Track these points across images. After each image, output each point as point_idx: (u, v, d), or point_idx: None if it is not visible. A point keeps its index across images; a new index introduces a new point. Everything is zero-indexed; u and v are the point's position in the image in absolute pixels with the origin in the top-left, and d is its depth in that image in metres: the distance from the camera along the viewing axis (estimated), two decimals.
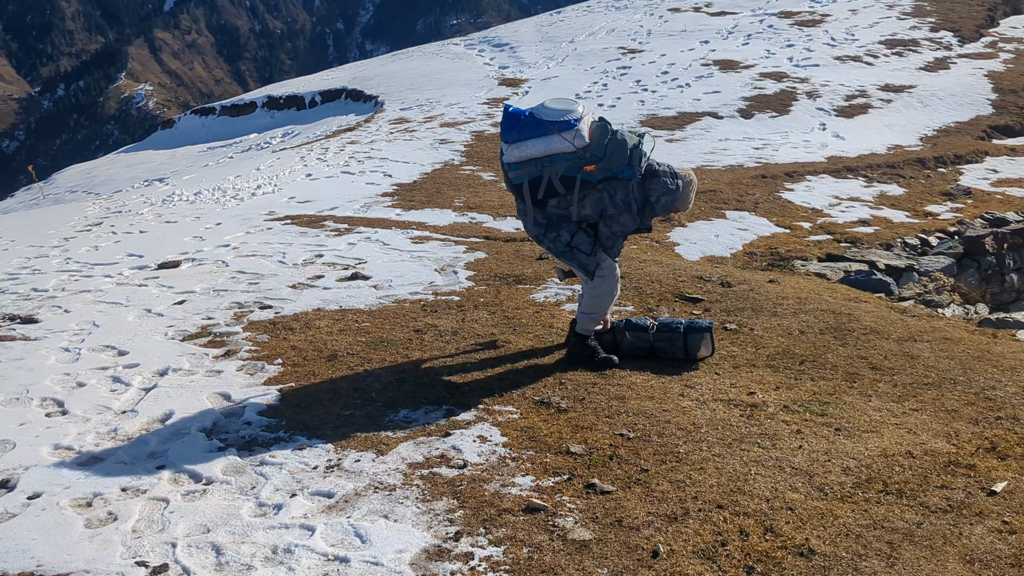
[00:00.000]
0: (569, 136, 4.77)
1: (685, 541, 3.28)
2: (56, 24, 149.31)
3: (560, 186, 4.90)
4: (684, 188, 5.07)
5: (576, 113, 4.83)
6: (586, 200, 4.95)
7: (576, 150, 4.80)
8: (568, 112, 4.82)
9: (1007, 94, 17.31)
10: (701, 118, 15.92)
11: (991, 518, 3.45)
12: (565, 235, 5.00)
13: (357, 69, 30.76)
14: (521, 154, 4.85)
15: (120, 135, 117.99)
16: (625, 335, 5.26)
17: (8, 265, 8.21)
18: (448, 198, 10.84)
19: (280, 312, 6.18)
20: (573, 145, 4.78)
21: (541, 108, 4.89)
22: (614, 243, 5.09)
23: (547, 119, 4.80)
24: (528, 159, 4.85)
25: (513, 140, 4.85)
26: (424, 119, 17.96)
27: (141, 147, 28.99)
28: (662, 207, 5.08)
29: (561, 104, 4.89)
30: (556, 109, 4.85)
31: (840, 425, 4.31)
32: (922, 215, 10.61)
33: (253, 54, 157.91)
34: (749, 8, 25.69)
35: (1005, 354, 5.46)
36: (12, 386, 4.86)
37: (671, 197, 5.04)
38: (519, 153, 4.85)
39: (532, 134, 4.80)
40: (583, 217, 5.00)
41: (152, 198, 13.34)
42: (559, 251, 5.05)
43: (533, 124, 4.82)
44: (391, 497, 3.61)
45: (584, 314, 5.19)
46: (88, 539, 3.32)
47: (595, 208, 4.97)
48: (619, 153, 4.88)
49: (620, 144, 4.89)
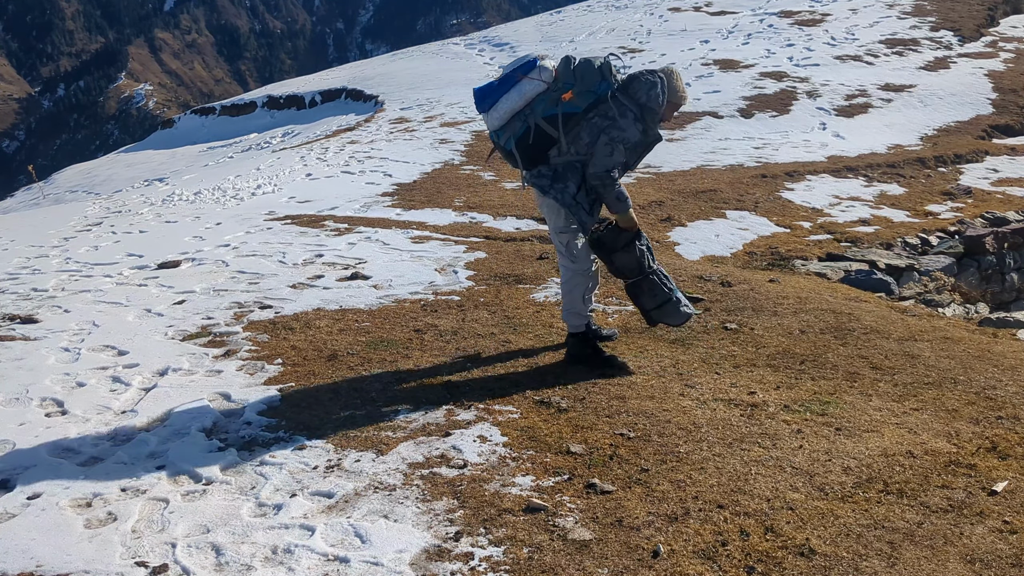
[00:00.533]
0: (535, 74, 4.83)
1: (685, 541, 3.27)
2: (56, 24, 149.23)
3: (548, 126, 4.88)
4: (667, 77, 5.01)
5: (532, 56, 4.98)
6: (581, 132, 4.91)
7: (548, 84, 4.84)
8: (524, 58, 4.96)
9: (1007, 93, 17.30)
10: (701, 118, 15.91)
11: (992, 518, 3.44)
12: (572, 186, 4.96)
13: (357, 69, 30.78)
14: (501, 113, 4.89)
15: (120, 135, 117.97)
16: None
17: (8, 265, 8.20)
18: (448, 198, 10.84)
19: (280, 312, 6.18)
20: (542, 81, 4.83)
21: (501, 69, 5.02)
22: (613, 150, 4.86)
23: (509, 70, 4.91)
24: (510, 114, 4.88)
25: (489, 106, 4.92)
26: (424, 119, 17.96)
27: (141, 147, 29.01)
28: (655, 102, 4.94)
29: (516, 59, 5.05)
30: (512, 62, 5.00)
31: (841, 425, 4.30)
32: (922, 214, 10.61)
33: (253, 54, 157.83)
34: (749, 8, 25.69)
35: (1006, 353, 5.46)
36: (12, 386, 4.85)
37: (656, 89, 4.93)
38: (499, 113, 4.89)
39: (503, 91, 4.87)
40: (583, 149, 4.93)
41: (152, 198, 13.34)
42: (567, 203, 4.97)
43: (500, 82, 4.91)
44: (391, 497, 3.61)
45: (565, 311, 5.21)
46: (88, 539, 3.31)
47: (592, 133, 4.91)
48: (589, 72, 4.88)
49: (587, 64, 4.90)
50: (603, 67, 4.93)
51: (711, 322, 5.98)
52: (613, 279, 6.04)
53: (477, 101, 4.99)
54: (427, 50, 30.16)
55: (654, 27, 24.85)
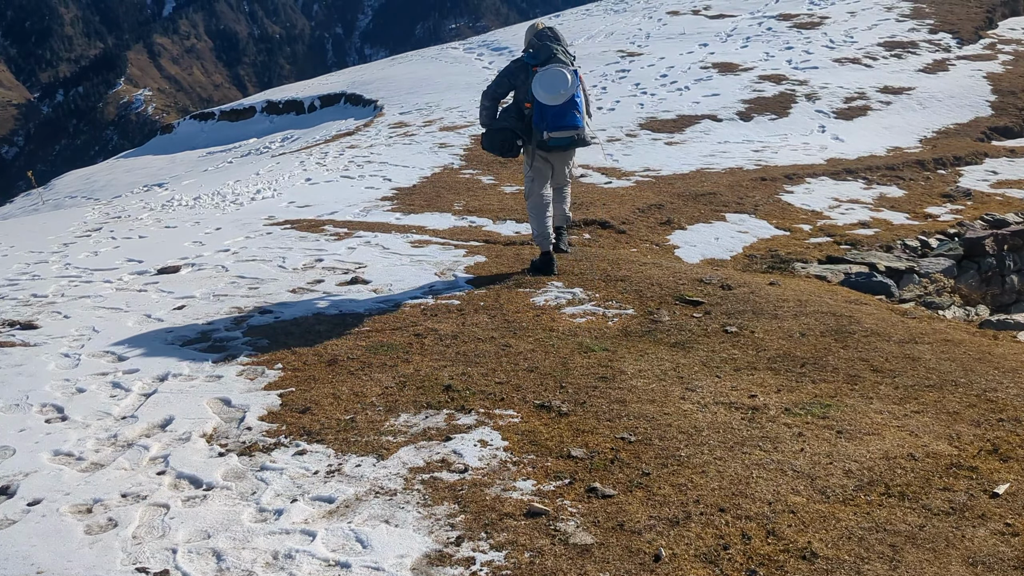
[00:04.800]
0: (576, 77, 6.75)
1: (687, 545, 3.27)
2: (55, 30, 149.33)
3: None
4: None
5: (568, 72, 6.76)
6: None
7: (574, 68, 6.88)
8: (568, 77, 6.71)
9: (1006, 95, 17.32)
10: (700, 121, 15.92)
11: (994, 520, 3.44)
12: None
13: (356, 73, 30.80)
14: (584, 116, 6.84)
15: (119, 140, 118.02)
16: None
17: (8, 271, 8.20)
18: (448, 202, 10.84)
19: (280, 317, 6.18)
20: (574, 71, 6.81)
21: (561, 88, 6.67)
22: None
23: (574, 92, 6.70)
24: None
25: (579, 119, 6.74)
26: (423, 123, 17.96)
27: (140, 152, 29.02)
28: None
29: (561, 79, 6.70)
30: (563, 82, 6.68)
31: (842, 427, 4.30)
32: (922, 217, 10.61)
33: (252, 59, 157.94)
34: (748, 11, 25.71)
35: (1006, 355, 5.46)
36: (12, 392, 4.85)
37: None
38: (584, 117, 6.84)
39: (577, 105, 6.72)
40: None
41: (151, 203, 13.33)
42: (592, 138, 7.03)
43: (571, 102, 6.68)
44: (392, 502, 3.61)
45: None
46: (88, 545, 3.31)
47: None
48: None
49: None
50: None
51: (711, 325, 5.98)
52: (610, 282, 6.01)
53: (569, 118, 6.66)
54: (426, 54, 30.20)
55: (653, 30, 24.87)
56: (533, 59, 6.83)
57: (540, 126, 6.68)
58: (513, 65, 7.05)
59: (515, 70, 6.98)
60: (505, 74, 7.04)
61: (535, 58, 6.82)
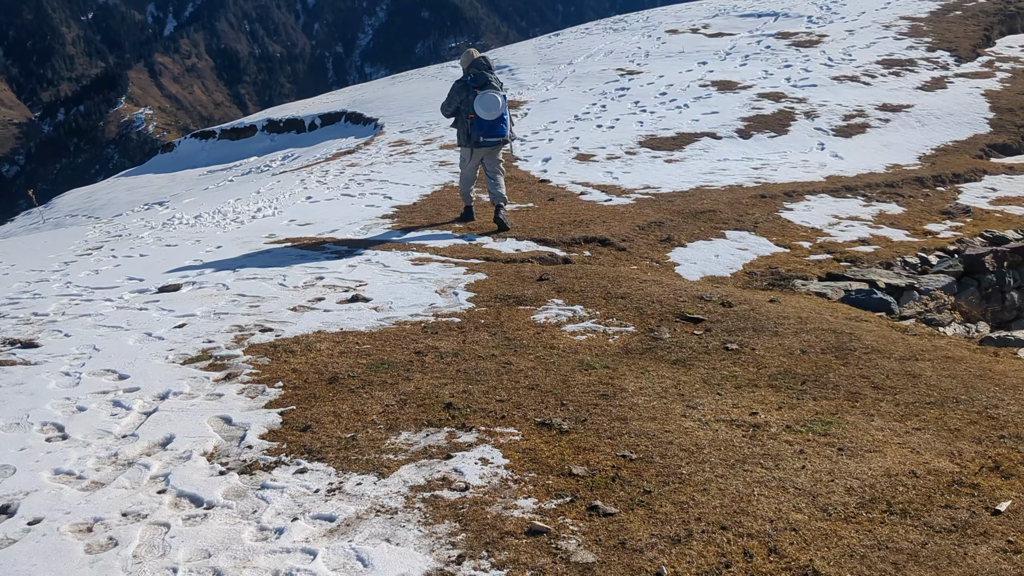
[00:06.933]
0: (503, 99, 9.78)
1: (689, 563, 3.26)
2: (56, 49, 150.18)
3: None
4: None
5: (502, 109, 9.77)
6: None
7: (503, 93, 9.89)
8: (500, 110, 9.72)
9: (1004, 113, 17.37)
10: (700, 138, 15.97)
11: (996, 537, 3.43)
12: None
13: (356, 92, 30.93)
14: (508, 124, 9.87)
15: (120, 159, 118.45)
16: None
17: (8, 289, 8.21)
18: (448, 219, 10.86)
19: (281, 335, 6.18)
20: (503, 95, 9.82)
21: (494, 110, 9.69)
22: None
23: (503, 112, 9.75)
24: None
25: (505, 130, 9.80)
26: (423, 141, 18.03)
27: (141, 171, 29.11)
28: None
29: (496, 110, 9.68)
30: (497, 110, 9.68)
31: (843, 445, 4.30)
32: (921, 234, 10.63)
33: (253, 78, 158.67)
34: (746, 29, 25.84)
35: (1007, 372, 5.46)
36: (12, 411, 4.85)
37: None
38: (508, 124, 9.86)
39: (504, 117, 9.79)
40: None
41: (152, 221, 13.37)
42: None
43: (501, 118, 9.76)
44: (393, 520, 3.60)
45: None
46: (88, 564, 3.30)
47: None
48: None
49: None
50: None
51: (712, 342, 5.98)
52: (608, 300, 6.00)
53: (499, 130, 9.75)
54: (426, 73, 30.33)
55: (652, 49, 24.98)
56: (474, 82, 9.63)
57: (479, 132, 9.65)
58: (458, 84, 9.85)
59: (460, 89, 9.80)
60: (453, 92, 9.88)
61: (476, 82, 9.62)
